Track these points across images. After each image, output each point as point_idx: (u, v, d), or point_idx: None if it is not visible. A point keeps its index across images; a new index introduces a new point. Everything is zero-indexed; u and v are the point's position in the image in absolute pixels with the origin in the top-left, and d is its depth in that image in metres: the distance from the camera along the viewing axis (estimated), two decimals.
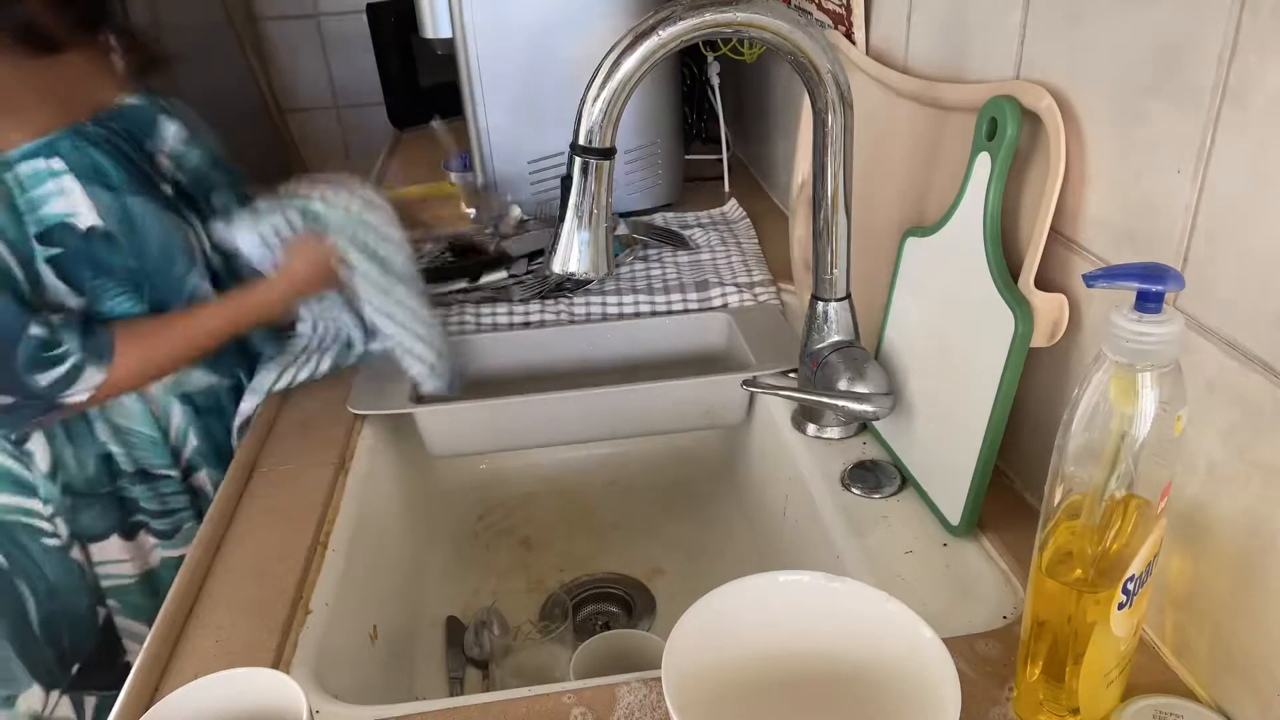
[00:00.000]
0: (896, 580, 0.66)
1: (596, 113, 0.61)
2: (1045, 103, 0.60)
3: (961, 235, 0.67)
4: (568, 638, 0.81)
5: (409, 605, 0.87)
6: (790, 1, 1.11)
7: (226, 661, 0.61)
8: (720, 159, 1.47)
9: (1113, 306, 0.43)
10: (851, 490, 0.76)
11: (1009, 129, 0.62)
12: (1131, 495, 0.45)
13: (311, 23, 2.19)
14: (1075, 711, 0.50)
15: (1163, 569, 0.54)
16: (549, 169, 1.29)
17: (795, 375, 0.88)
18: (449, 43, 1.23)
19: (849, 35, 0.93)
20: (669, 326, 1.06)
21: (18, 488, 0.89)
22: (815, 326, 0.79)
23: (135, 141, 0.91)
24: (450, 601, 0.91)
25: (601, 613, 0.91)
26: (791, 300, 1.07)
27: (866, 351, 0.79)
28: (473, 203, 1.10)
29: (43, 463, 0.89)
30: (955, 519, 0.68)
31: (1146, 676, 0.55)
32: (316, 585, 0.69)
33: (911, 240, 0.75)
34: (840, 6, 0.93)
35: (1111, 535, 0.46)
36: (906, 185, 0.80)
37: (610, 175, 0.64)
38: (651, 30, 0.61)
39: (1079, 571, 0.47)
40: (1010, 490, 0.73)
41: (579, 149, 0.62)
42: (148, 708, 0.49)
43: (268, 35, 2.19)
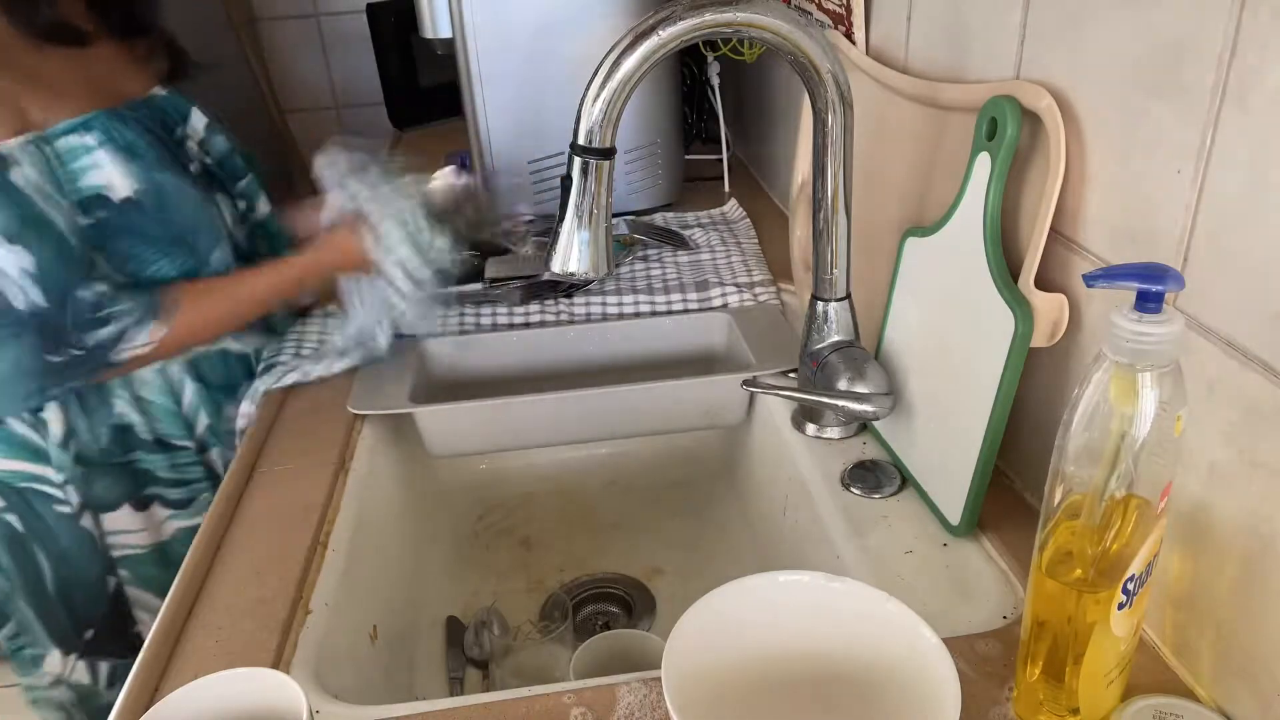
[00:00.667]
0: (896, 580, 0.66)
1: (596, 113, 0.61)
2: (1045, 103, 0.60)
3: (961, 235, 0.67)
4: (568, 638, 0.81)
5: (409, 605, 0.87)
6: (790, 1, 1.11)
7: (226, 661, 0.61)
8: (720, 159, 1.46)
9: (1113, 306, 0.43)
10: (851, 490, 0.76)
11: (1009, 129, 0.62)
12: (1131, 495, 0.45)
13: (311, 23, 2.19)
14: (1075, 711, 0.50)
15: (1163, 569, 0.54)
16: (549, 169, 1.29)
17: (795, 375, 0.88)
18: (449, 43, 1.23)
19: (849, 35, 0.93)
20: (669, 326, 1.06)
21: (32, 455, 0.92)
22: (815, 326, 0.79)
23: (167, 127, 0.97)
24: (450, 601, 0.91)
25: (601, 613, 0.91)
26: (791, 300, 1.07)
27: (866, 351, 0.79)
28: (463, 205, 1.10)
29: (56, 431, 0.92)
30: (955, 519, 0.68)
31: (1146, 676, 0.55)
32: (316, 585, 0.69)
33: (911, 240, 0.75)
34: (840, 6, 0.93)
35: (1111, 535, 0.46)
36: (906, 185, 0.80)
37: (610, 175, 0.64)
38: (651, 30, 0.61)
39: (1079, 571, 0.47)
40: (1010, 490, 0.73)
41: (579, 149, 0.62)
42: (148, 708, 0.49)
43: (268, 35, 2.19)
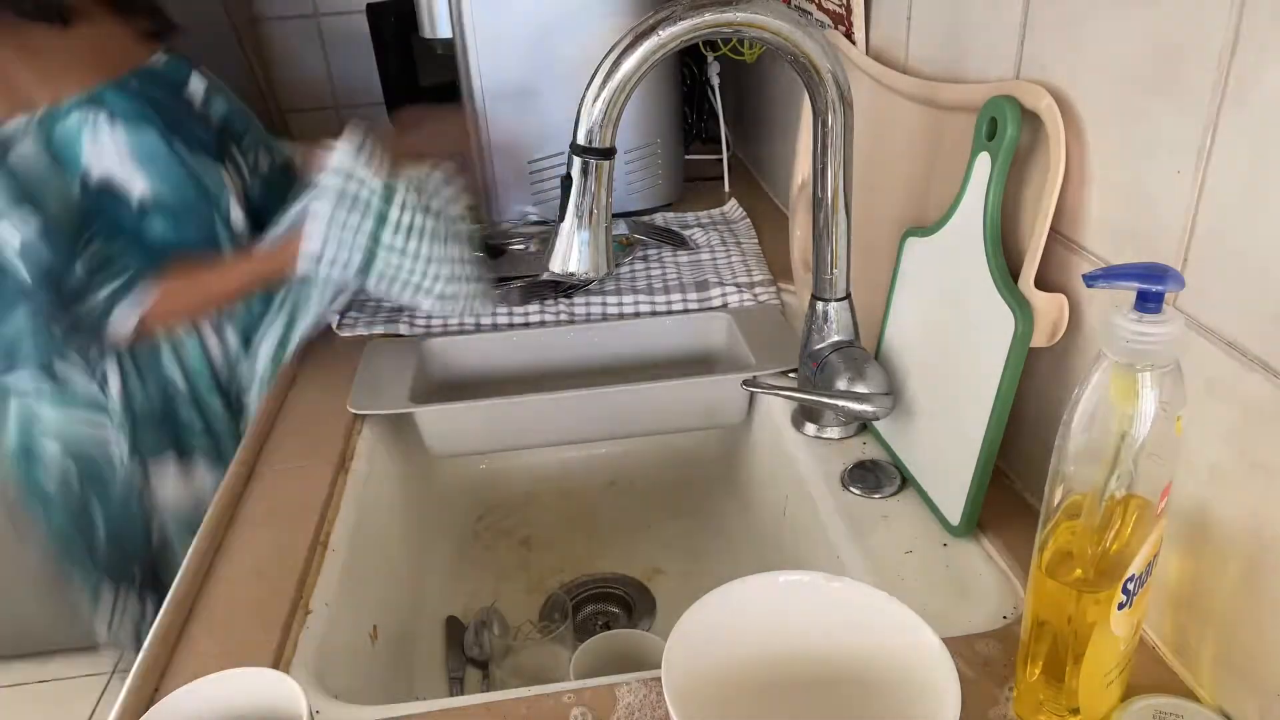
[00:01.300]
0: (896, 580, 0.66)
1: (596, 113, 0.61)
2: (1045, 102, 0.60)
3: (961, 235, 0.67)
4: (568, 638, 0.81)
5: (409, 605, 0.87)
6: (790, 1, 1.11)
7: (226, 661, 0.61)
8: (720, 159, 1.46)
9: (1113, 306, 0.43)
10: (851, 490, 0.76)
11: (1009, 129, 0.62)
12: (1131, 495, 0.45)
13: (311, 23, 2.19)
14: (1075, 711, 0.50)
15: (1163, 569, 0.54)
16: (549, 169, 1.29)
17: (795, 375, 0.88)
18: (449, 43, 1.23)
19: (849, 35, 0.93)
20: (669, 326, 1.06)
21: (96, 409, 1.01)
22: (815, 326, 0.79)
23: (173, 91, 1.00)
24: (450, 601, 0.91)
25: (601, 613, 0.91)
26: (791, 300, 1.07)
27: (866, 351, 0.79)
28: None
29: (114, 387, 1.01)
30: (955, 519, 0.68)
31: (1146, 676, 0.55)
32: (316, 585, 0.69)
33: (911, 240, 0.75)
34: (840, 6, 0.93)
35: (1111, 535, 0.46)
36: (906, 185, 0.80)
37: (610, 175, 0.64)
38: (651, 30, 0.61)
39: (1079, 571, 0.47)
40: (1010, 490, 0.73)
41: (579, 149, 0.62)
42: (148, 708, 0.49)
43: (268, 35, 2.19)
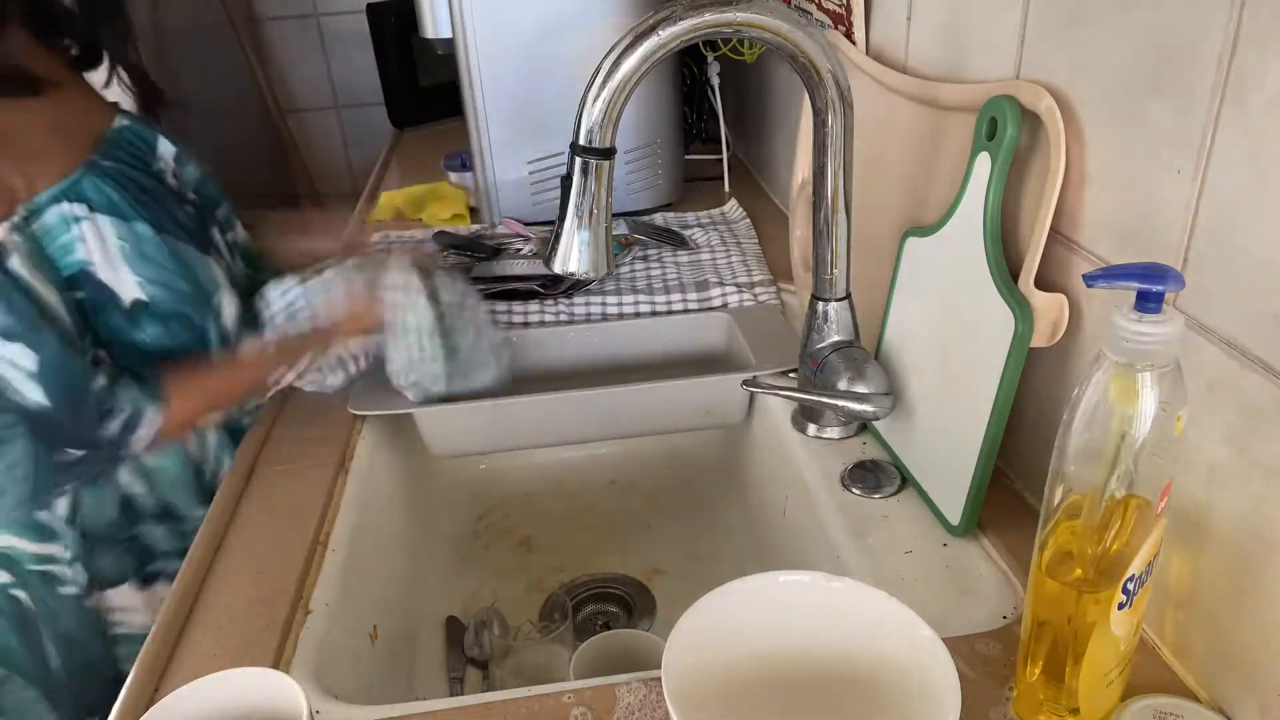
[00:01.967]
0: (896, 580, 0.66)
1: (596, 113, 0.61)
2: (1045, 103, 0.60)
3: (961, 235, 0.67)
4: (568, 638, 0.81)
5: (409, 605, 0.87)
6: (790, 1, 1.11)
7: (226, 661, 0.61)
8: (720, 159, 1.46)
9: (1113, 306, 0.43)
10: (851, 490, 0.76)
11: (1009, 129, 0.62)
12: (1131, 495, 0.45)
13: (311, 23, 2.19)
14: (1075, 711, 0.50)
15: (1163, 569, 0.54)
16: (549, 169, 1.29)
17: (795, 375, 0.88)
18: (449, 43, 1.23)
19: (849, 35, 0.93)
20: (669, 326, 1.06)
21: (40, 533, 0.87)
22: (815, 326, 0.79)
23: (144, 166, 0.89)
24: (450, 601, 0.91)
25: (601, 613, 0.91)
26: (791, 300, 1.07)
27: (866, 351, 0.79)
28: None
29: (62, 507, 0.87)
30: (955, 519, 0.68)
31: (1146, 676, 0.55)
32: (316, 585, 0.69)
33: (911, 240, 0.75)
34: (840, 6, 0.93)
35: (1111, 535, 0.46)
36: (906, 185, 0.80)
37: (610, 175, 0.64)
38: (651, 30, 0.61)
39: (1079, 571, 0.47)
40: (1010, 490, 0.73)
41: (579, 149, 0.62)
42: (148, 708, 0.49)
43: (268, 35, 2.19)
